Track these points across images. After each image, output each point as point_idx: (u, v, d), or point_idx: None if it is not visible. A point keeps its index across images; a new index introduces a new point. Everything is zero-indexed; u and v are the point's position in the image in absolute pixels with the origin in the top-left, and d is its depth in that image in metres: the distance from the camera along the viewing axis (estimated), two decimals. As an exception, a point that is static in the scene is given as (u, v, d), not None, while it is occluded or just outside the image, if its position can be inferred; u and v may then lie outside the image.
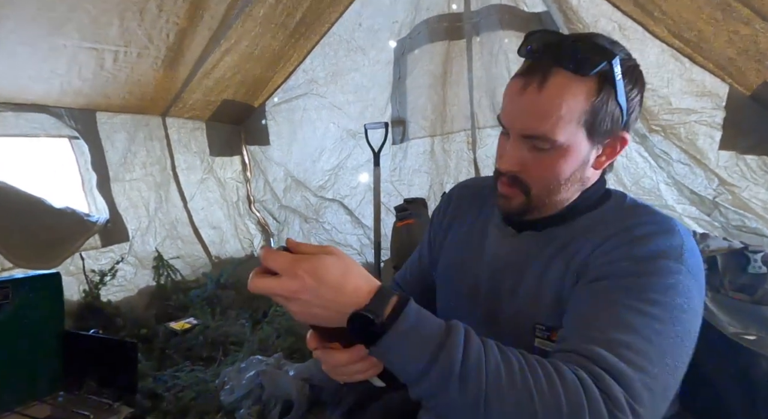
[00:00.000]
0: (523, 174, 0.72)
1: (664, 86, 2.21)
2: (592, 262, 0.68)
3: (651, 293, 0.60)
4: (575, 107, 0.66)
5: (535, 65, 0.68)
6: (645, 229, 0.67)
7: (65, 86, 2.18)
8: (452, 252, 0.90)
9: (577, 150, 0.69)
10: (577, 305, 0.65)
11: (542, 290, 0.74)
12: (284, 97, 3.30)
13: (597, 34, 0.71)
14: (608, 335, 0.57)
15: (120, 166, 2.56)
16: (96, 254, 2.33)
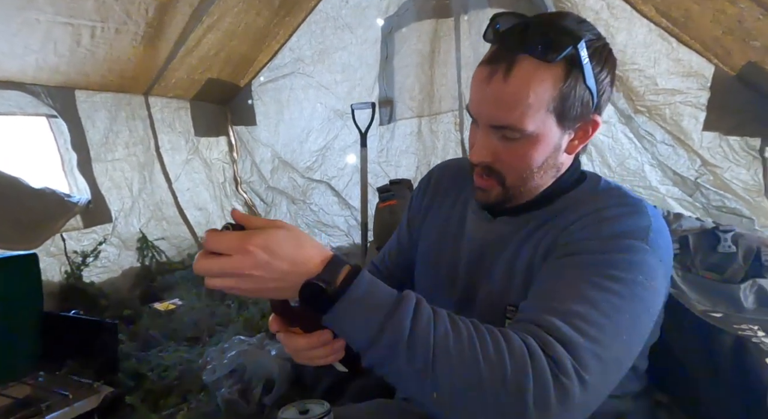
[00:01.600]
0: (496, 164, 0.71)
1: (651, 66, 2.20)
2: (560, 240, 0.68)
3: (613, 270, 0.61)
4: (543, 95, 0.64)
5: (500, 52, 0.66)
6: (614, 210, 0.67)
7: (41, 63, 2.12)
8: (431, 235, 0.90)
9: (548, 137, 0.68)
10: (541, 279, 0.66)
11: (514, 272, 0.74)
12: (270, 76, 3.25)
13: (564, 14, 0.69)
14: (565, 306, 0.57)
15: (102, 146, 2.52)
16: (78, 235, 2.31)
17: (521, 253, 0.74)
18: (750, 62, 1.87)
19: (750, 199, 1.91)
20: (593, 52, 0.65)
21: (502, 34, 0.67)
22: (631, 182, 2.37)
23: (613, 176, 2.39)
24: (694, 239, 1.05)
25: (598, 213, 0.67)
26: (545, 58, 0.63)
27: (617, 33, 2.22)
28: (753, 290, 1.01)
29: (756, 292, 1.01)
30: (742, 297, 1.01)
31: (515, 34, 0.65)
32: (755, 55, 1.81)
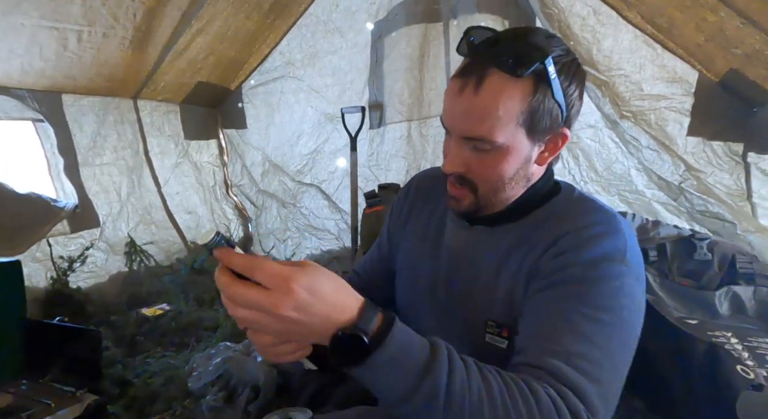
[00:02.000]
0: (468, 174, 0.73)
1: (636, 72, 2.22)
2: (543, 265, 0.69)
3: (600, 299, 0.64)
4: (512, 108, 0.66)
5: (471, 65, 0.68)
6: (593, 230, 0.69)
7: (26, 67, 2.11)
8: (411, 245, 0.90)
9: (519, 149, 0.70)
10: (534, 314, 0.67)
11: (496, 287, 0.75)
12: (261, 79, 3.24)
13: (535, 30, 0.70)
14: (565, 347, 0.60)
15: (89, 150, 2.50)
16: (65, 240, 2.29)
17: (504, 270, 0.75)
18: (732, 69, 1.89)
19: (732, 204, 1.94)
20: (561, 68, 0.67)
21: (474, 48, 0.69)
22: (617, 186, 2.39)
23: (600, 180, 2.41)
24: (671, 246, 1.06)
25: (578, 234, 0.69)
26: (514, 73, 0.65)
27: (603, 39, 2.24)
28: (728, 296, 1.02)
29: (730, 299, 1.02)
30: (717, 304, 1.03)
31: (486, 49, 0.67)
32: (737, 63, 1.84)
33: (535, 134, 0.69)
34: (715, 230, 1.93)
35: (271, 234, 3.30)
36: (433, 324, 0.83)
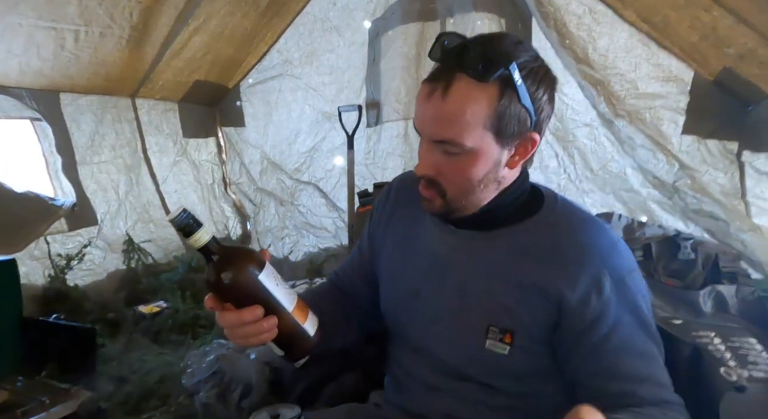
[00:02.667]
0: (439, 177, 0.73)
1: (632, 70, 2.22)
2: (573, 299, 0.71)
3: (640, 313, 0.72)
4: (479, 113, 0.67)
5: (440, 70, 0.69)
6: (601, 250, 0.73)
7: (24, 67, 2.13)
8: (393, 250, 0.89)
9: (487, 153, 0.71)
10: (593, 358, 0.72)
11: (493, 294, 0.75)
12: (259, 78, 3.25)
13: (503, 35, 0.71)
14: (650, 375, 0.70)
15: (87, 148, 2.52)
16: (63, 238, 2.31)
17: (499, 276, 0.75)
18: (726, 68, 1.89)
19: (726, 202, 1.94)
20: (528, 73, 0.68)
21: (444, 53, 0.69)
22: (613, 185, 2.39)
23: (595, 179, 2.41)
24: (656, 246, 1.07)
25: (595, 257, 0.72)
26: (480, 78, 0.66)
27: (599, 37, 2.24)
28: (711, 296, 1.03)
29: (714, 298, 1.03)
30: (702, 303, 1.04)
31: (454, 54, 0.67)
32: (730, 61, 1.84)
33: (503, 138, 0.70)
34: (709, 229, 1.93)
35: (269, 232, 3.32)
36: (421, 331, 0.82)
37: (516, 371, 0.75)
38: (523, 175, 0.79)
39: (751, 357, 0.90)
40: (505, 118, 0.68)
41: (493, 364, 0.75)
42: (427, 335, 0.81)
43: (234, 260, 0.63)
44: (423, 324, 0.82)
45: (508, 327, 0.73)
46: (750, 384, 0.85)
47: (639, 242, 1.08)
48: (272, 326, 0.65)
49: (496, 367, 0.75)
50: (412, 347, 0.84)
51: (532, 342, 0.74)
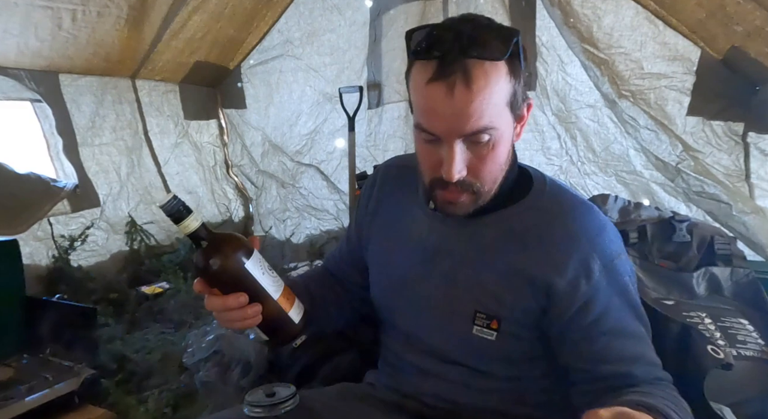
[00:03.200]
0: (469, 176, 0.71)
1: (637, 50, 2.17)
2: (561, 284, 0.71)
3: (628, 296, 0.73)
4: (501, 92, 0.66)
5: (447, 64, 0.64)
6: (589, 234, 0.73)
7: (22, 47, 2.11)
8: (382, 238, 0.89)
9: (508, 130, 0.71)
10: (586, 343, 0.72)
11: (480, 281, 0.75)
12: (260, 58, 3.22)
13: (477, 16, 0.69)
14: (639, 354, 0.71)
15: (88, 130, 2.52)
16: (66, 220, 2.33)
17: (489, 263, 0.75)
18: (734, 47, 1.85)
19: (730, 184, 1.91)
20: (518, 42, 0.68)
21: (437, 47, 0.65)
22: (615, 166, 2.37)
23: (597, 160, 2.38)
24: (651, 228, 1.06)
25: (576, 241, 0.72)
26: (495, 58, 0.65)
27: (604, 15, 2.19)
28: (705, 277, 1.03)
29: (708, 280, 1.03)
30: (695, 285, 1.03)
31: (452, 43, 0.64)
32: (738, 40, 1.79)
33: (515, 111, 0.70)
34: (711, 211, 1.91)
35: (270, 214, 3.33)
36: (411, 318, 0.83)
37: (504, 355, 0.76)
38: (515, 155, 0.78)
39: (740, 337, 0.90)
40: (518, 91, 0.69)
41: (480, 349, 0.76)
42: (417, 321, 0.82)
43: (222, 247, 0.64)
44: (412, 311, 0.83)
45: (494, 314, 0.74)
46: (737, 363, 0.86)
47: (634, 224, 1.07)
48: (256, 313, 0.67)
49: (484, 352, 0.76)
50: (403, 332, 0.85)
51: (519, 328, 0.74)
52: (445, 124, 0.67)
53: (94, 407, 1.41)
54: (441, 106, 0.66)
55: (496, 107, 0.66)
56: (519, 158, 0.81)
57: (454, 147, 0.67)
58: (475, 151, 0.69)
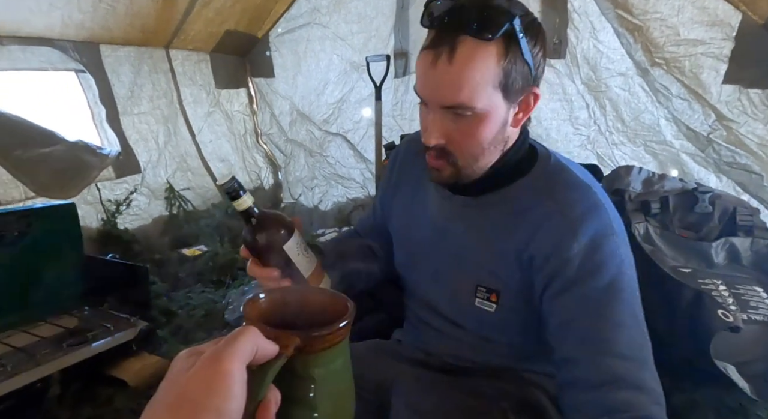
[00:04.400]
0: (449, 145, 0.74)
1: (674, 15, 2.10)
2: (539, 254, 0.73)
3: (615, 281, 0.69)
4: (487, 73, 0.68)
5: (441, 36, 0.68)
6: (577, 209, 0.72)
7: (66, 19, 2.20)
8: (401, 211, 0.95)
9: (496, 113, 0.71)
10: (564, 319, 0.71)
11: (483, 257, 0.80)
12: (287, 27, 3.24)
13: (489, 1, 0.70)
14: (610, 342, 0.66)
15: (128, 99, 2.63)
16: (111, 185, 2.48)
17: (489, 243, 0.79)
18: (776, 11, 1.78)
19: (763, 155, 1.88)
20: (526, 28, 0.68)
21: (439, 19, 0.68)
22: (645, 136, 2.34)
23: (626, 130, 2.36)
24: (674, 199, 1.08)
25: (565, 218, 0.72)
26: (484, 37, 0.66)
27: (641, -21, 2.12)
28: (725, 247, 1.06)
29: (727, 249, 1.06)
30: (714, 254, 1.07)
31: (452, 18, 0.67)
32: (782, 4, 1.72)
33: (509, 95, 0.71)
34: (741, 182, 1.90)
35: (299, 182, 3.43)
36: (425, 287, 0.91)
37: (503, 325, 0.81)
38: (524, 134, 0.80)
39: (753, 303, 0.95)
40: (512, 75, 0.69)
41: (482, 319, 0.81)
42: (429, 291, 0.90)
43: (267, 226, 0.72)
44: (426, 282, 0.90)
45: (494, 288, 0.79)
46: (747, 326, 0.91)
47: (657, 195, 1.09)
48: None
49: (485, 321, 0.82)
50: (420, 299, 0.93)
51: (516, 301, 0.78)
52: (428, 91, 0.72)
53: (150, 355, 1.57)
54: (426, 73, 0.70)
55: (479, 86, 0.68)
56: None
57: (434, 114, 0.72)
58: (456, 124, 0.72)
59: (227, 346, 0.34)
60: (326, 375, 0.41)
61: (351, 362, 0.44)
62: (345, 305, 0.45)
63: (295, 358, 0.39)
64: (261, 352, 0.36)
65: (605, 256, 0.70)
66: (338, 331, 0.41)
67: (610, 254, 0.70)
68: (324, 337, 0.40)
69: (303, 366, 0.40)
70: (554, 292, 0.72)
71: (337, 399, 0.43)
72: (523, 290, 0.77)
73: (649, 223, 1.12)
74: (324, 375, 0.41)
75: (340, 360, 0.43)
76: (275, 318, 0.42)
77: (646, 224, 1.11)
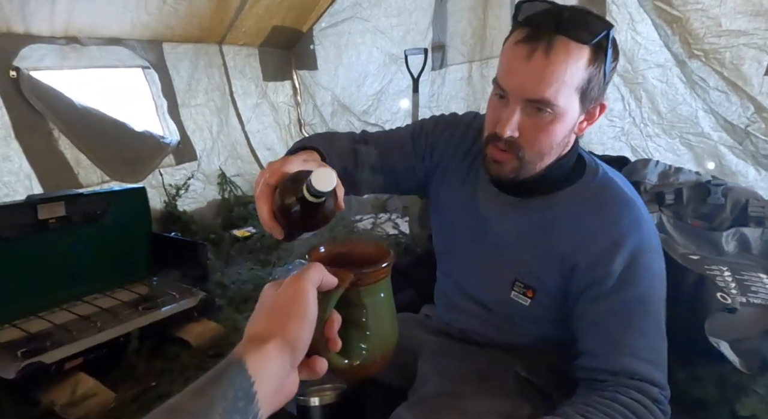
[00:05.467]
0: (521, 139, 0.76)
1: (716, 5, 2.07)
2: (583, 264, 0.77)
3: (643, 293, 0.75)
4: (576, 74, 0.71)
5: (537, 33, 0.71)
6: (623, 225, 0.76)
7: (135, 21, 2.45)
8: (450, 190, 0.95)
9: (570, 115, 0.74)
10: (595, 321, 0.77)
11: (521, 257, 0.84)
12: (330, 21, 3.39)
13: (585, 8, 0.77)
14: (631, 346, 0.73)
15: (186, 93, 2.88)
16: (171, 171, 2.74)
17: (529, 243, 0.83)
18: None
19: (803, 149, 1.87)
20: (612, 42, 0.72)
21: (536, 18, 0.72)
22: (681, 128, 2.34)
23: (662, 122, 2.36)
24: (688, 191, 1.14)
25: (610, 232, 0.76)
26: (581, 40, 0.70)
27: (682, -30, 2.10)
28: (735, 237, 1.12)
29: (738, 239, 1.11)
30: (724, 243, 1.13)
31: (551, 18, 0.71)
32: (826, -5, 1.69)
33: (585, 101, 0.74)
34: (778, 176, 1.89)
35: (339, 171, 3.59)
36: (465, 270, 0.94)
37: (534, 317, 0.87)
38: (576, 145, 0.84)
39: (754, 288, 1.02)
40: (592, 82, 0.72)
41: (515, 310, 0.87)
42: (465, 276, 0.95)
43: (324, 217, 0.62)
44: (463, 267, 0.95)
45: (531, 285, 0.84)
46: (744, 308, 0.98)
47: (672, 187, 1.16)
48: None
49: (517, 312, 0.87)
50: (455, 280, 0.97)
51: (550, 299, 0.84)
52: (514, 83, 0.73)
53: (209, 320, 1.79)
54: (517, 65, 0.72)
55: (565, 85, 0.70)
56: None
57: (515, 106, 0.74)
58: (533, 119, 0.74)
59: (303, 273, 0.47)
60: (374, 304, 0.54)
61: (393, 297, 0.57)
62: (386, 252, 0.57)
63: (350, 290, 0.51)
64: (325, 281, 0.48)
65: (641, 270, 0.75)
66: (381, 270, 0.53)
67: (646, 268, 0.75)
68: (370, 274, 0.52)
69: (356, 296, 0.52)
70: (590, 298, 0.77)
71: (383, 322, 0.55)
72: (559, 291, 0.82)
73: (663, 213, 1.19)
74: (372, 303, 0.53)
75: (384, 293, 0.55)
76: (333, 263, 0.52)
77: (660, 214, 1.18)
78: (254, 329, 0.45)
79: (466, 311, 0.95)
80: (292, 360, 0.44)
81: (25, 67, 2.07)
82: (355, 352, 0.53)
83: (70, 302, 1.71)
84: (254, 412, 0.39)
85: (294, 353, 0.44)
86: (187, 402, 0.37)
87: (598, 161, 0.87)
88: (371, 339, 0.54)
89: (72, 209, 1.70)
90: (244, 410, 0.38)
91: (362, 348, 0.53)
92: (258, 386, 0.40)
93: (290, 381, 0.46)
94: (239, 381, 0.39)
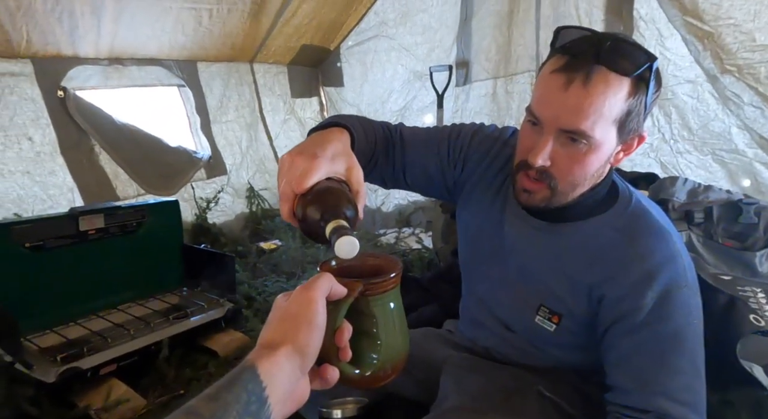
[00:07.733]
0: (553, 168, 0.74)
1: (750, 20, 2.04)
2: (612, 295, 0.75)
3: (677, 330, 0.72)
4: (614, 106, 0.68)
5: (575, 62, 0.68)
6: (656, 258, 0.73)
7: (172, 42, 2.58)
8: (478, 209, 0.93)
9: (606, 147, 0.72)
10: (624, 356, 0.75)
11: (548, 282, 0.82)
12: (357, 39, 3.47)
13: (629, 37, 0.72)
14: (664, 385, 0.70)
15: (217, 110, 2.99)
16: (202, 185, 2.84)
17: (557, 269, 0.81)
18: None
19: (843, 166, 1.80)
20: (655, 73, 0.69)
21: (575, 46, 0.70)
22: (713, 145, 2.28)
23: (693, 139, 2.31)
24: (718, 209, 1.12)
25: (642, 265, 0.73)
26: (622, 72, 0.67)
27: (713, -15, 2.08)
28: (769, 257, 1.09)
29: (771, 259, 1.09)
30: (758, 263, 1.09)
31: (591, 46, 0.68)
32: None
33: (623, 133, 0.72)
34: (817, 195, 1.83)
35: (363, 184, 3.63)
36: (491, 290, 0.93)
37: (558, 343, 0.86)
38: (611, 173, 0.81)
39: (789, 311, 0.98)
40: (632, 114, 0.70)
41: (539, 334, 0.86)
42: (490, 296, 0.94)
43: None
44: (488, 287, 0.94)
45: (557, 311, 0.82)
46: (779, 332, 0.95)
47: (701, 205, 1.13)
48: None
49: (541, 336, 0.86)
50: (479, 299, 0.97)
51: (576, 326, 0.82)
52: (550, 112, 0.71)
53: (235, 331, 1.83)
54: (553, 94, 0.70)
55: (602, 117, 0.68)
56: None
57: (549, 135, 0.72)
58: (566, 149, 0.72)
59: (311, 282, 0.49)
60: (384, 314, 0.54)
61: (403, 309, 0.57)
62: (395, 263, 0.57)
63: (359, 300, 0.51)
64: (334, 291, 0.49)
65: (675, 307, 0.72)
66: (390, 280, 0.53)
67: (681, 304, 0.72)
68: (379, 284, 0.53)
69: (366, 306, 0.53)
70: (620, 331, 0.75)
71: (393, 332, 0.55)
72: (587, 319, 0.80)
73: (692, 232, 1.17)
74: (382, 314, 0.54)
75: (394, 303, 0.55)
76: (343, 275, 0.53)
77: (689, 233, 1.16)
78: (266, 336, 0.47)
79: (491, 330, 0.95)
80: (303, 366, 0.46)
81: (72, 87, 2.20)
82: (366, 362, 0.54)
83: (106, 310, 1.78)
84: (266, 415, 0.41)
85: (304, 359, 0.46)
86: (203, 405, 0.39)
87: (633, 189, 0.84)
88: (382, 350, 0.54)
89: (110, 221, 1.79)
90: (256, 413, 0.40)
91: (373, 357, 0.54)
92: (270, 390, 0.42)
93: (301, 387, 0.47)
94: (252, 385, 0.41)
